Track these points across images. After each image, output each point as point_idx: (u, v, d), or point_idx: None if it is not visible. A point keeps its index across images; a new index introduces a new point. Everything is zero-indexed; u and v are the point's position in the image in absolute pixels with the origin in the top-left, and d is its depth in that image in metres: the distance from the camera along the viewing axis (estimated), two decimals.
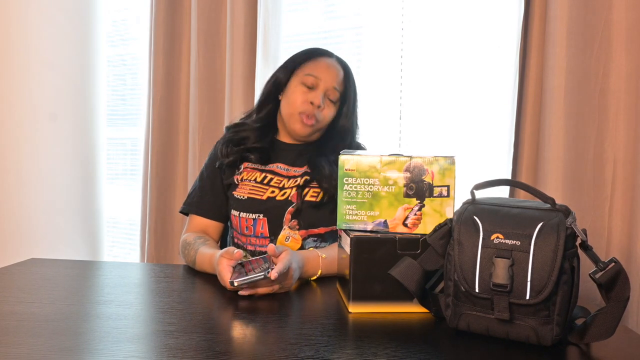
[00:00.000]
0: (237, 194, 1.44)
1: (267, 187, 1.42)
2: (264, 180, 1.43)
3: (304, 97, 1.42)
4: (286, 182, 1.43)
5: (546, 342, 0.87)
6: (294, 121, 1.43)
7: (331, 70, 1.45)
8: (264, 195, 1.41)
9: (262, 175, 1.44)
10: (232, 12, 2.02)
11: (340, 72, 1.46)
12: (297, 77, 1.45)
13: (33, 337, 0.89)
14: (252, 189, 1.43)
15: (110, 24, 2.56)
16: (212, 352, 0.83)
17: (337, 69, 1.46)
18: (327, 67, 1.45)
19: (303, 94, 1.42)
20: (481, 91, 1.83)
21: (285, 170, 1.45)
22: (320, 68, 1.44)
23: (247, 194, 1.42)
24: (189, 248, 1.36)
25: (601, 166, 1.56)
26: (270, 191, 1.42)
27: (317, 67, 1.44)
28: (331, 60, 1.48)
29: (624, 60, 1.53)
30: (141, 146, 2.32)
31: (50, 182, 2.24)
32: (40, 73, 2.19)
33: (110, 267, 1.46)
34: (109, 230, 2.56)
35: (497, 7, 1.78)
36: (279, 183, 1.43)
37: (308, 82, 1.42)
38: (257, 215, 1.40)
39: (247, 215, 1.41)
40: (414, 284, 0.99)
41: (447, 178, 1.06)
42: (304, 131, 1.43)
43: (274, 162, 1.46)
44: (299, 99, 1.42)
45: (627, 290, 0.87)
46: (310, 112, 1.41)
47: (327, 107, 1.43)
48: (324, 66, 1.45)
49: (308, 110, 1.41)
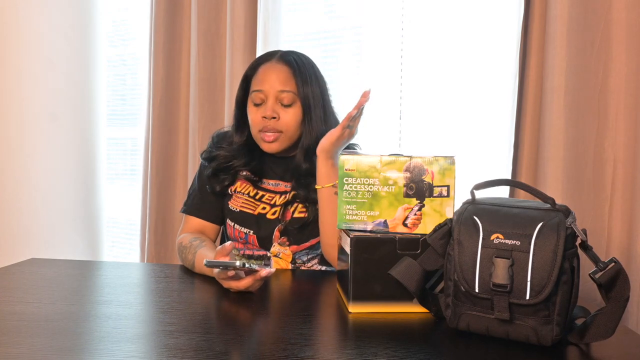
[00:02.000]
0: (231, 205, 1.43)
1: (259, 202, 1.42)
2: (255, 196, 1.42)
3: (256, 116, 1.37)
4: (277, 198, 1.42)
5: (546, 342, 0.87)
6: (259, 142, 1.39)
7: (271, 75, 1.36)
8: (255, 210, 1.41)
9: (255, 190, 1.43)
10: (232, 12, 2.02)
11: (283, 71, 1.37)
12: (249, 97, 1.40)
13: (33, 337, 0.89)
14: (244, 202, 1.42)
15: (110, 24, 2.56)
16: (212, 352, 0.83)
17: (279, 70, 1.37)
18: (266, 74, 1.37)
19: (255, 112, 1.37)
20: (481, 91, 1.83)
21: (275, 186, 1.44)
22: (260, 79, 1.37)
23: (239, 206, 1.42)
24: (185, 252, 1.35)
25: (601, 166, 1.56)
26: (261, 207, 1.41)
27: (259, 79, 1.38)
28: (271, 63, 1.39)
29: (624, 60, 1.53)
30: (141, 146, 2.32)
31: (50, 182, 2.24)
32: (40, 73, 2.19)
33: (110, 267, 1.46)
34: (109, 230, 2.56)
35: (497, 7, 1.78)
36: (270, 200, 1.42)
37: (256, 99, 1.37)
38: (248, 230, 1.41)
39: (240, 228, 1.42)
40: (414, 284, 0.99)
41: (447, 178, 1.06)
42: (271, 148, 1.38)
43: (265, 177, 1.45)
44: (253, 119, 1.38)
45: (627, 290, 0.87)
46: (267, 128, 1.36)
47: (283, 113, 1.36)
48: (263, 75, 1.37)
49: (264, 126, 1.36)
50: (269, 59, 1.41)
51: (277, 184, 1.44)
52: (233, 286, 1.11)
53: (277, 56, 1.41)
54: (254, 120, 1.38)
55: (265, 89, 1.36)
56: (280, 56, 1.40)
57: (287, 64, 1.38)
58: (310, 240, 1.40)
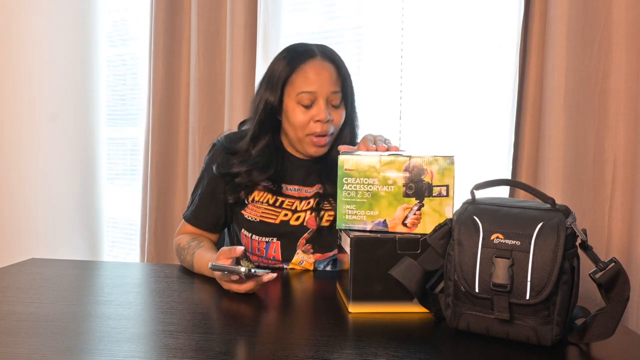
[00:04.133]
0: (247, 215, 1.36)
1: (280, 209, 1.35)
2: (275, 203, 1.35)
3: (306, 117, 1.29)
4: (298, 204, 1.36)
5: (546, 342, 0.87)
6: (306, 145, 1.32)
7: (322, 75, 1.29)
8: (276, 219, 1.35)
9: (274, 198, 1.36)
10: (232, 12, 2.02)
11: (332, 70, 1.31)
12: (291, 98, 1.30)
13: (33, 337, 0.89)
14: (264, 211, 1.35)
15: (110, 24, 2.56)
16: (212, 352, 0.83)
17: (328, 69, 1.30)
18: (317, 74, 1.29)
19: (304, 113, 1.29)
20: (481, 91, 1.83)
21: (297, 191, 1.37)
22: (310, 80, 1.28)
23: (259, 216, 1.35)
24: (184, 253, 1.34)
25: (601, 166, 1.56)
26: (283, 214, 1.35)
27: (307, 79, 1.28)
28: (316, 61, 1.30)
29: (624, 60, 1.53)
30: (141, 146, 2.32)
31: (50, 182, 2.24)
32: (40, 73, 2.19)
33: (110, 267, 1.46)
34: (109, 230, 2.56)
35: (497, 7, 1.78)
36: (290, 205, 1.36)
37: (304, 101, 1.28)
38: (270, 238, 1.35)
39: (259, 238, 1.35)
40: (414, 284, 0.99)
41: (447, 178, 1.06)
42: (319, 152, 1.33)
43: (286, 183, 1.37)
44: (302, 121, 1.29)
45: (627, 290, 0.87)
46: (321, 131, 1.29)
47: (334, 114, 1.31)
48: (313, 75, 1.28)
49: (316, 130, 1.29)
50: (311, 56, 1.31)
51: (298, 189, 1.37)
52: (234, 288, 1.11)
53: (319, 53, 1.32)
54: (301, 122, 1.29)
55: (317, 89, 1.28)
56: (322, 53, 1.32)
57: (331, 62, 1.32)
58: (334, 250, 1.36)
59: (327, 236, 1.35)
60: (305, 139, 1.31)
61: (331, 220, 1.36)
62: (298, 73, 1.30)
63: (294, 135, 1.32)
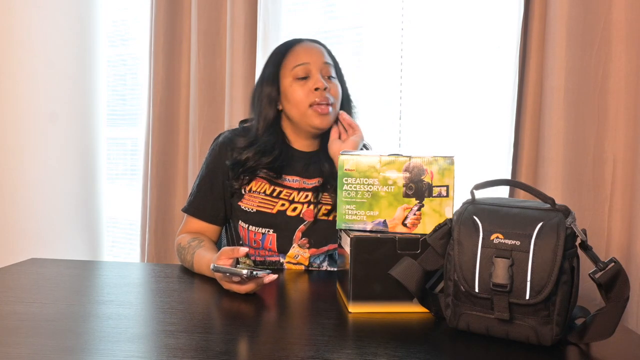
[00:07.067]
0: (244, 206, 1.37)
1: (277, 199, 1.36)
2: (272, 193, 1.37)
3: (305, 89, 1.34)
4: (296, 194, 1.37)
5: (546, 342, 0.87)
6: (310, 117, 1.34)
7: (313, 50, 1.38)
8: (273, 208, 1.36)
9: (271, 187, 1.37)
10: (232, 12, 2.02)
11: (321, 49, 1.40)
12: (286, 77, 1.36)
13: (33, 337, 0.89)
14: (261, 201, 1.36)
15: (110, 24, 2.56)
16: (212, 352, 0.83)
17: (317, 48, 1.40)
18: (308, 50, 1.37)
19: (302, 87, 1.34)
20: (481, 91, 1.83)
21: (297, 182, 1.38)
22: (302, 53, 1.36)
23: (255, 206, 1.36)
24: (184, 252, 1.34)
25: (601, 166, 1.56)
26: (280, 204, 1.36)
27: (299, 55, 1.36)
28: (305, 43, 1.40)
29: (624, 60, 1.53)
30: (141, 146, 2.32)
31: (50, 182, 2.24)
32: (40, 73, 2.19)
33: (110, 267, 1.46)
34: (109, 230, 2.56)
35: (497, 7, 1.78)
36: (288, 195, 1.37)
37: (300, 73, 1.34)
38: (266, 230, 1.36)
39: (255, 229, 1.36)
40: (414, 284, 0.99)
41: (447, 178, 1.06)
42: (325, 122, 1.35)
43: (286, 174, 1.39)
44: (301, 94, 1.34)
45: (627, 290, 0.87)
46: (321, 99, 1.33)
47: (331, 85, 1.36)
48: (304, 51, 1.37)
49: (317, 98, 1.33)
50: (299, 41, 1.41)
51: (294, 179, 1.39)
52: (234, 289, 1.12)
53: (305, 39, 1.42)
54: (302, 95, 1.34)
55: (310, 60, 1.35)
56: (308, 40, 1.42)
57: (319, 45, 1.42)
58: (329, 245, 1.37)
59: (324, 229, 1.36)
60: (308, 112, 1.34)
61: (327, 213, 1.37)
62: (289, 54, 1.38)
63: (297, 112, 1.36)
